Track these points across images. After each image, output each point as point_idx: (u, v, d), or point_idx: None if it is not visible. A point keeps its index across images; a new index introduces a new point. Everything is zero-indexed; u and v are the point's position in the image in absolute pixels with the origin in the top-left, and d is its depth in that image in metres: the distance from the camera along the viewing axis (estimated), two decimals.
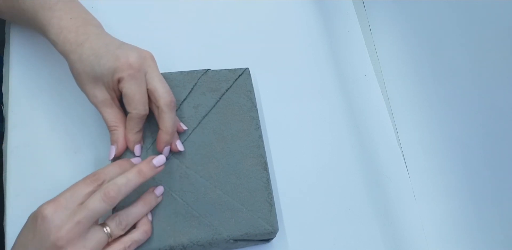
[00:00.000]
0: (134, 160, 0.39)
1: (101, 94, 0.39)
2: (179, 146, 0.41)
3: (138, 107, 0.38)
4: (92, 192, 0.34)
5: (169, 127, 0.39)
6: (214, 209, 0.39)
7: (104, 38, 0.40)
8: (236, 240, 0.39)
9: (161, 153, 0.40)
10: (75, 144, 0.45)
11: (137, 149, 0.40)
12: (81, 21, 0.41)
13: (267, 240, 0.42)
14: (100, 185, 0.35)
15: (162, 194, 0.39)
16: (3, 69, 0.48)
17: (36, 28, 0.42)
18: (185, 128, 0.42)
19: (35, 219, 0.32)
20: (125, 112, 0.40)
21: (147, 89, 0.39)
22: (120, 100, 0.41)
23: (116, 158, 0.40)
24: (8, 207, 0.42)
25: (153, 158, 0.37)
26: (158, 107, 0.39)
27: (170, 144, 0.40)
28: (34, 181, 0.43)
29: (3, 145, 0.45)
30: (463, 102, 0.43)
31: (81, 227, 0.32)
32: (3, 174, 0.43)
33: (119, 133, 0.40)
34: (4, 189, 0.43)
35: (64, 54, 0.40)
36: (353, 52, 0.56)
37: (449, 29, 0.44)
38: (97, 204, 0.33)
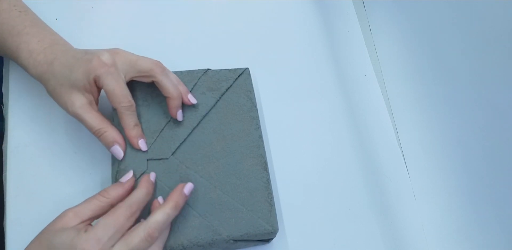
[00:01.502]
0: (152, 177, 0.39)
1: (78, 100, 0.39)
2: (191, 99, 0.43)
3: (122, 100, 0.39)
4: (130, 226, 0.34)
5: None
6: (214, 209, 0.39)
7: (71, 52, 0.41)
8: (236, 241, 0.39)
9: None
10: (75, 144, 0.45)
11: (142, 144, 0.40)
12: (48, 42, 0.41)
13: (267, 240, 0.42)
14: (137, 217, 0.35)
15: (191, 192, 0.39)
16: (3, 69, 0.48)
17: (7, 55, 0.43)
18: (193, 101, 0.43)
19: None
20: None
21: None
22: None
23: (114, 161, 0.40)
24: (8, 207, 0.42)
25: (183, 187, 0.37)
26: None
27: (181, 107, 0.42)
28: (34, 181, 0.43)
29: (3, 145, 0.45)
30: (463, 102, 0.43)
31: None
32: (3, 174, 0.43)
33: (111, 132, 0.39)
34: (4, 189, 0.43)
35: (37, 77, 0.40)
36: (353, 52, 0.56)
37: (449, 29, 0.44)
38: (141, 244, 0.33)
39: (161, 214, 0.35)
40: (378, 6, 0.57)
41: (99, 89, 0.40)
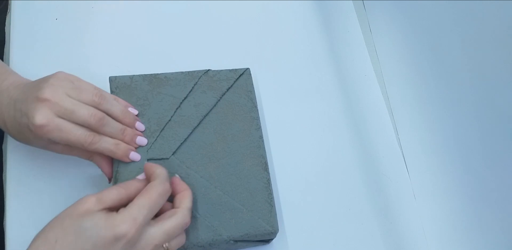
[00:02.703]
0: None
1: (57, 149, 0.39)
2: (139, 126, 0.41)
3: (80, 141, 0.37)
4: (162, 205, 0.35)
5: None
6: (214, 210, 0.39)
7: (11, 108, 0.37)
8: (236, 241, 0.39)
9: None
10: None
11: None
12: None
13: (267, 241, 0.42)
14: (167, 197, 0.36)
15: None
16: None
17: None
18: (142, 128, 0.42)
19: (116, 240, 0.31)
20: None
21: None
22: None
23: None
24: (8, 207, 0.42)
25: (178, 179, 0.39)
26: None
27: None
28: (34, 181, 0.43)
29: (3, 145, 0.45)
30: (463, 102, 0.43)
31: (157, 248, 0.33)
32: (3, 174, 0.43)
33: (97, 160, 0.40)
34: (4, 189, 0.43)
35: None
36: (353, 52, 0.56)
37: (449, 29, 0.44)
38: (177, 230, 0.34)
39: (189, 201, 0.36)
40: (378, 6, 0.57)
41: None
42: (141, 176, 0.38)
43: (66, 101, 0.36)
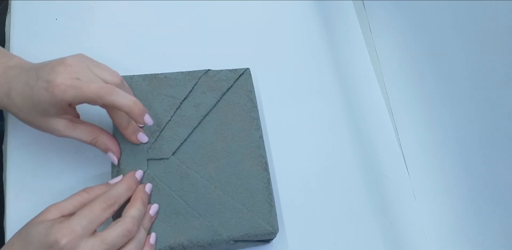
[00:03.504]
0: (138, 175, 0.39)
1: (58, 124, 0.38)
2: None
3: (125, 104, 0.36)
4: (107, 218, 0.34)
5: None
6: (214, 209, 0.39)
7: (23, 77, 0.37)
8: (236, 241, 0.39)
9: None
10: (75, 144, 0.45)
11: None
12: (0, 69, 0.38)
13: (267, 241, 0.42)
14: (115, 211, 0.35)
15: (157, 212, 0.39)
16: None
17: None
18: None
19: (48, 247, 0.31)
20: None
21: None
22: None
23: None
24: (8, 207, 0.42)
25: (144, 186, 0.39)
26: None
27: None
28: (34, 181, 0.43)
29: (3, 145, 0.45)
30: (463, 102, 0.43)
31: None
32: (3, 174, 0.43)
33: (103, 139, 0.39)
34: (4, 189, 0.43)
35: (4, 109, 0.38)
36: (353, 52, 0.56)
37: (449, 29, 0.44)
38: (119, 239, 0.34)
39: (134, 210, 0.36)
40: (378, 6, 0.57)
41: (73, 108, 0.39)
42: (112, 180, 0.38)
43: (88, 73, 0.36)
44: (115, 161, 0.40)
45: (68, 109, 0.38)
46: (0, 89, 0.37)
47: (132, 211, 0.36)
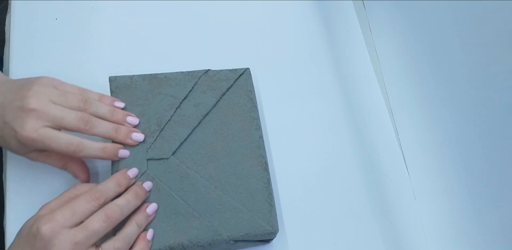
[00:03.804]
0: (131, 172, 0.39)
1: (33, 155, 0.38)
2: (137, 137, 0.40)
3: (70, 142, 0.36)
4: (93, 211, 0.34)
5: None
6: (214, 209, 0.39)
7: None
8: (236, 241, 0.39)
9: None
10: None
11: (136, 137, 0.40)
12: None
13: (267, 241, 0.42)
14: (101, 204, 0.35)
15: (155, 212, 0.39)
16: (3, 69, 0.48)
17: None
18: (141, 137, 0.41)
19: (33, 238, 0.32)
20: None
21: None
22: None
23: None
24: (8, 207, 0.42)
25: (143, 182, 0.39)
26: None
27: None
28: (34, 181, 0.43)
29: None
30: (463, 102, 0.43)
31: (79, 248, 0.32)
32: (3, 174, 0.43)
33: (72, 166, 0.40)
34: (4, 189, 0.43)
35: None
36: (353, 52, 0.56)
37: (449, 29, 0.44)
38: (98, 224, 0.33)
39: (121, 199, 0.36)
40: (378, 6, 0.57)
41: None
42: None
43: (53, 109, 0.36)
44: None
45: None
46: None
47: (119, 200, 0.36)
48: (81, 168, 0.40)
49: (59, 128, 0.36)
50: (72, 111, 0.37)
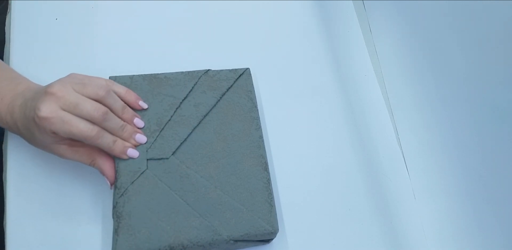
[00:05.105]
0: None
1: (59, 150, 0.39)
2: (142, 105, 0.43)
3: (84, 134, 0.37)
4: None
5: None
6: (214, 209, 0.39)
7: (23, 106, 0.38)
8: (236, 241, 0.39)
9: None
10: None
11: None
12: (9, 98, 0.40)
13: (267, 241, 0.42)
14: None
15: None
16: None
17: None
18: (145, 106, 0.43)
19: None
20: None
21: None
22: None
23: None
24: (8, 207, 0.42)
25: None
26: None
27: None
28: (34, 181, 0.43)
29: (3, 145, 0.45)
30: (463, 103, 0.43)
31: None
32: (3, 174, 0.43)
33: (99, 163, 0.40)
34: (4, 189, 0.43)
35: (19, 135, 0.40)
36: (353, 52, 0.56)
37: (449, 29, 0.44)
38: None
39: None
40: (378, 6, 0.57)
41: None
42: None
43: (72, 95, 0.37)
44: (109, 184, 0.40)
45: (61, 138, 0.38)
46: (11, 119, 0.39)
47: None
48: (108, 164, 0.40)
49: (74, 114, 0.37)
50: (90, 101, 0.38)
